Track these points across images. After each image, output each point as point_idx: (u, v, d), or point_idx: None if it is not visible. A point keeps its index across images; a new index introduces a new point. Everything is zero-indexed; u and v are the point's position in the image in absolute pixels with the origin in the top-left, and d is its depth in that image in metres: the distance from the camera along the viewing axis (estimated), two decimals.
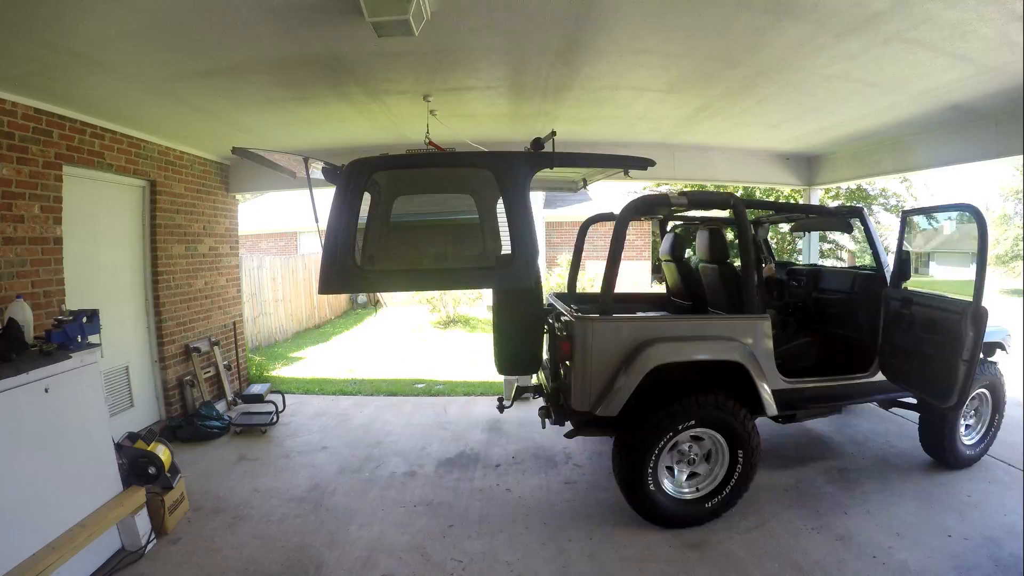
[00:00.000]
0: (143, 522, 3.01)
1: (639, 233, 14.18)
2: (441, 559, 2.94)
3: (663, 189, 10.62)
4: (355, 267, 3.08)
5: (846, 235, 11.46)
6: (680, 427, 3.09)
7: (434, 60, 3.28)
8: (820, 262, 9.78)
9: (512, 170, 3.16)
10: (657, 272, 5.26)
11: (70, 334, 2.82)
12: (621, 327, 3.16)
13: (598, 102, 4.25)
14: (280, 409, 5.25)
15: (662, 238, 5.14)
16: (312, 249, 16.81)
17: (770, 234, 10.52)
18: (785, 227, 10.59)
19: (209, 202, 5.74)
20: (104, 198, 4.48)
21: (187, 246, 5.37)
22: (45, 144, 3.72)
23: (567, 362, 3.26)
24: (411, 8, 2.36)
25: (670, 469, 3.26)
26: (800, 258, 8.56)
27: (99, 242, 4.42)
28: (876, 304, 3.69)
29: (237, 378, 6.05)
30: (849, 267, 4.61)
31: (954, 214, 3.76)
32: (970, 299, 2.99)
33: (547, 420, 3.45)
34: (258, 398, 5.35)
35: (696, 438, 3.23)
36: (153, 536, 3.07)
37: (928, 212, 4.22)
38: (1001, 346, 4.20)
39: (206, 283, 5.66)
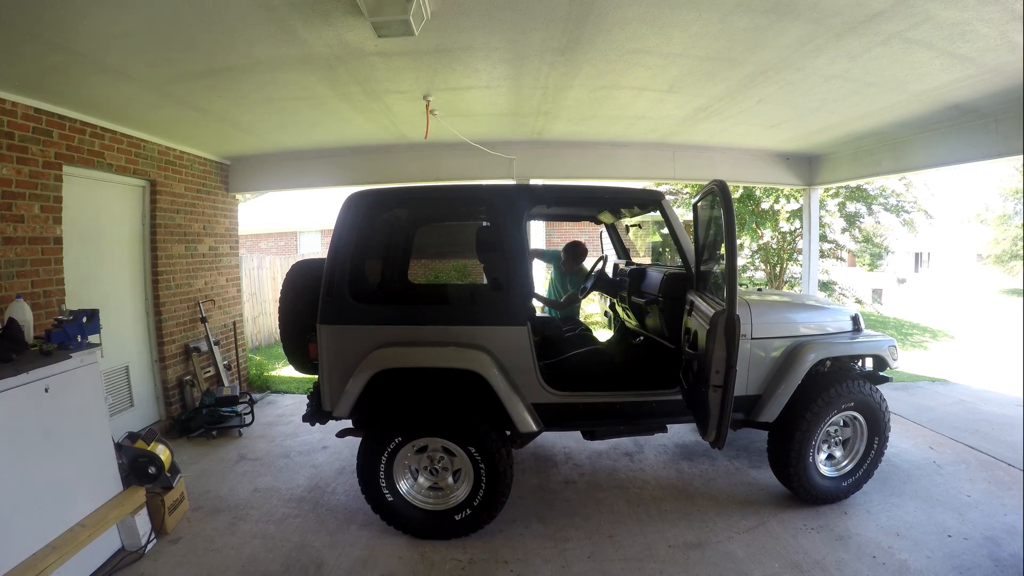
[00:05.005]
0: (143, 522, 3.01)
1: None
2: (441, 559, 2.94)
3: (664, 188, 10.63)
4: (350, 301, 3.07)
5: (846, 234, 11.41)
6: (408, 437, 3.02)
7: (434, 60, 3.28)
8: (820, 263, 9.80)
9: (508, 204, 3.17)
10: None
11: (70, 334, 2.82)
12: (361, 331, 3.06)
13: (598, 102, 4.25)
14: (251, 409, 5.17)
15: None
16: (312, 249, 16.83)
17: (770, 233, 10.63)
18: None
19: (209, 202, 5.74)
20: (104, 198, 4.48)
21: (187, 246, 5.36)
22: (45, 144, 3.72)
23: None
24: (411, 8, 2.36)
25: (416, 473, 3.16)
26: (800, 258, 8.55)
27: (99, 242, 4.42)
28: (681, 309, 3.25)
29: (237, 378, 6.05)
30: (665, 266, 4.19)
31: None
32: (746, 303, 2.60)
33: (311, 421, 3.28)
34: (233, 400, 5.24)
35: (448, 451, 3.11)
36: (153, 536, 3.07)
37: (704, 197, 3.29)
38: (882, 361, 3.51)
39: (206, 283, 5.67)
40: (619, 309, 4.87)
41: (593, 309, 10.64)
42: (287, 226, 17.41)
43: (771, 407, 3.22)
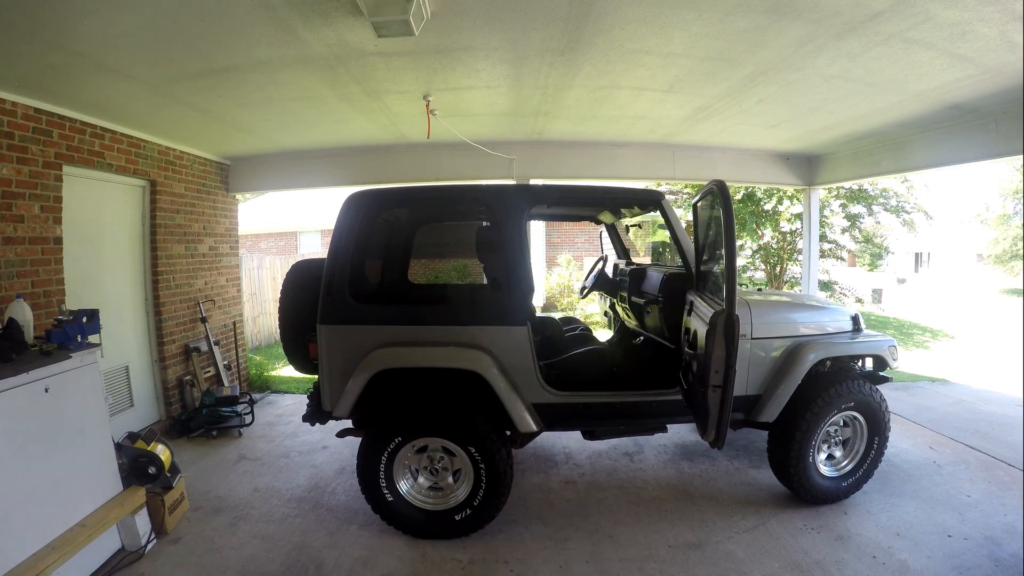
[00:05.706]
0: (143, 522, 3.02)
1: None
2: (441, 559, 2.94)
3: (663, 188, 10.62)
4: (350, 301, 3.07)
5: (846, 234, 11.41)
6: (408, 437, 3.03)
7: (434, 60, 3.28)
8: (820, 263, 9.79)
9: (508, 204, 3.16)
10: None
11: (70, 334, 2.82)
12: (361, 331, 3.07)
13: (598, 102, 4.25)
14: (251, 409, 5.18)
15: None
16: (312, 249, 16.83)
17: (770, 233, 10.63)
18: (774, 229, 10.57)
19: (209, 202, 5.74)
20: (104, 198, 4.48)
21: (187, 246, 5.36)
22: (45, 144, 3.72)
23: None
24: (411, 8, 2.37)
25: (416, 473, 3.17)
26: (800, 258, 8.54)
27: (99, 242, 4.42)
28: (681, 309, 3.24)
29: (237, 378, 6.05)
30: (665, 266, 4.19)
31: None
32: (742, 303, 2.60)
33: (311, 421, 3.29)
34: (233, 400, 5.24)
35: (448, 451, 3.11)
36: (153, 536, 3.07)
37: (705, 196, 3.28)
38: (882, 361, 3.52)
39: (206, 283, 5.67)
40: (619, 309, 4.87)
41: (593, 309, 10.65)
42: (287, 226, 17.40)
43: (771, 407, 3.22)
